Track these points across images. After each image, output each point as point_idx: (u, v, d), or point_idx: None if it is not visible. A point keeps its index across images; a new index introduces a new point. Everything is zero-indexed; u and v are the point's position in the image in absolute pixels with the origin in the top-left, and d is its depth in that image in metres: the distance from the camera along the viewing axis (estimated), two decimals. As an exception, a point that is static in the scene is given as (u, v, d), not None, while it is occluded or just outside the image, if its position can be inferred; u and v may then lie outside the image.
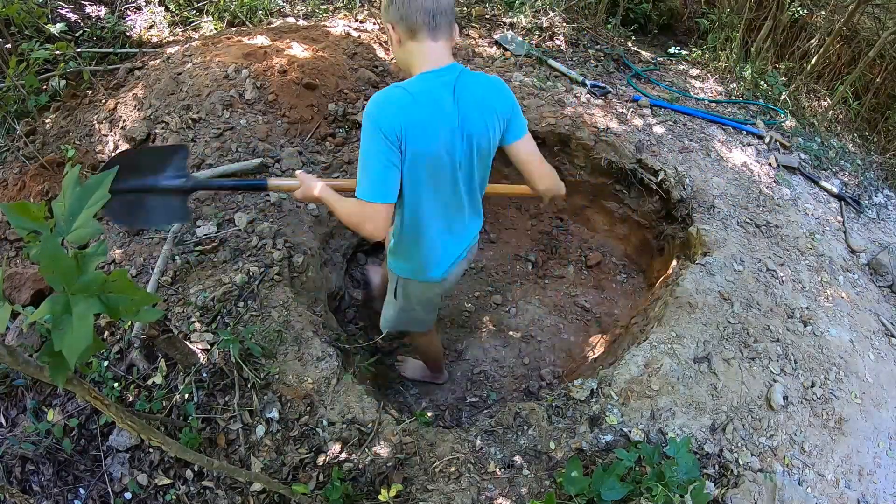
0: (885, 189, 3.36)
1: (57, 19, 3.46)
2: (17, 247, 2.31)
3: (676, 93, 3.57)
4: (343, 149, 2.77)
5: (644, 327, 2.38)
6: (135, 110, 2.71)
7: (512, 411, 1.89)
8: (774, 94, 3.73)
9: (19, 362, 0.95)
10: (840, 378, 2.12)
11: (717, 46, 4.11)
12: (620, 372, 1.97)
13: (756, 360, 2.07)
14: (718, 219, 2.68)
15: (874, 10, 4.06)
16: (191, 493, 1.68)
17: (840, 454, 1.93)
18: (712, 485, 1.71)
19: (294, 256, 2.27)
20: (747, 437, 1.87)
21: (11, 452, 1.72)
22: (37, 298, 2.07)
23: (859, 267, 2.72)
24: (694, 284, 2.29)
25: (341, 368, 1.94)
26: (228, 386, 1.84)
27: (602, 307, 3.12)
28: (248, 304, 2.04)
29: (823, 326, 2.27)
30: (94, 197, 0.89)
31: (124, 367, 1.88)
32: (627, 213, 3.22)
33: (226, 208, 2.35)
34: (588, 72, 3.65)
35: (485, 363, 2.80)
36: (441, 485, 1.67)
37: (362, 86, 3.00)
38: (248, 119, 2.64)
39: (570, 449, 1.78)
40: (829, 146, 3.54)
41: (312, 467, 1.70)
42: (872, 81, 3.99)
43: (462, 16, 4.06)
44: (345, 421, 1.79)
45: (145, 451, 1.76)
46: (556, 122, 3.11)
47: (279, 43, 3.07)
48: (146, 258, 2.18)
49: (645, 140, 3.08)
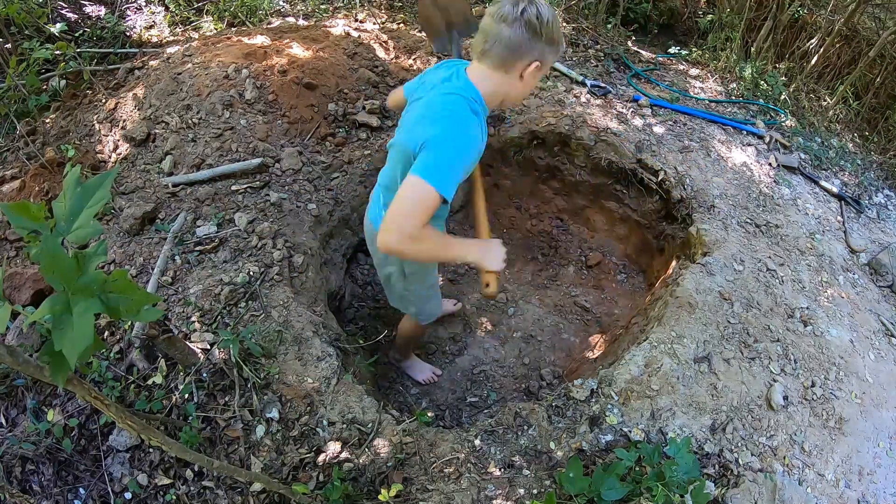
0: (885, 189, 3.36)
1: (57, 19, 3.46)
2: (17, 247, 2.31)
3: (676, 93, 3.57)
4: (343, 149, 2.77)
5: (644, 327, 2.38)
6: (135, 110, 2.71)
7: (512, 411, 1.89)
8: (774, 93, 3.73)
9: (19, 362, 0.95)
10: (840, 378, 2.12)
11: (717, 46, 4.11)
12: (620, 372, 1.97)
13: (756, 360, 2.07)
14: (718, 219, 2.68)
15: (874, 9, 4.06)
16: (191, 493, 1.68)
17: (840, 454, 1.93)
18: (712, 485, 1.71)
19: (294, 256, 2.27)
20: (747, 436, 1.87)
21: (11, 452, 1.72)
22: (37, 298, 2.07)
23: (859, 267, 2.72)
24: (694, 284, 2.29)
25: (341, 368, 1.94)
26: (228, 386, 1.84)
27: (602, 307, 3.12)
28: (248, 304, 2.04)
29: (823, 326, 2.27)
30: (94, 197, 0.89)
31: (124, 367, 1.88)
32: (627, 213, 3.22)
33: (226, 208, 2.35)
34: (588, 72, 3.65)
35: (485, 363, 2.80)
36: (441, 485, 1.67)
37: (362, 86, 3.00)
38: (248, 119, 2.65)
39: (570, 449, 1.78)
40: (830, 146, 3.54)
41: (312, 467, 1.70)
42: (872, 81, 3.99)
43: (462, 16, 4.06)
44: (345, 421, 1.79)
45: (145, 450, 1.76)
46: (556, 122, 3.11)
47: (279, 43, 3.07)
48: (146, 258, 2.18)
49: (645, 140, 3.08)
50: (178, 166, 2.51)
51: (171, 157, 2.51)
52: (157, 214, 2.33)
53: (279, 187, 2.49)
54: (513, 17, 1.35)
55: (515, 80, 1.45)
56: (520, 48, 1.38)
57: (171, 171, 2.49)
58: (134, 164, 2.53)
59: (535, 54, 1.40)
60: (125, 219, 2.28)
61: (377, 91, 3.02)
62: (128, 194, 2.42)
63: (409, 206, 1.30)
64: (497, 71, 1.43)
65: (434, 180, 1.29)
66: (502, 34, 1.37)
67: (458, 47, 2.03)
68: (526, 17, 1.34)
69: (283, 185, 2.51)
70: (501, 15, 1.36)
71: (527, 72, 1.43)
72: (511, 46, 1.38)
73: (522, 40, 1.37)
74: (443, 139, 1.36)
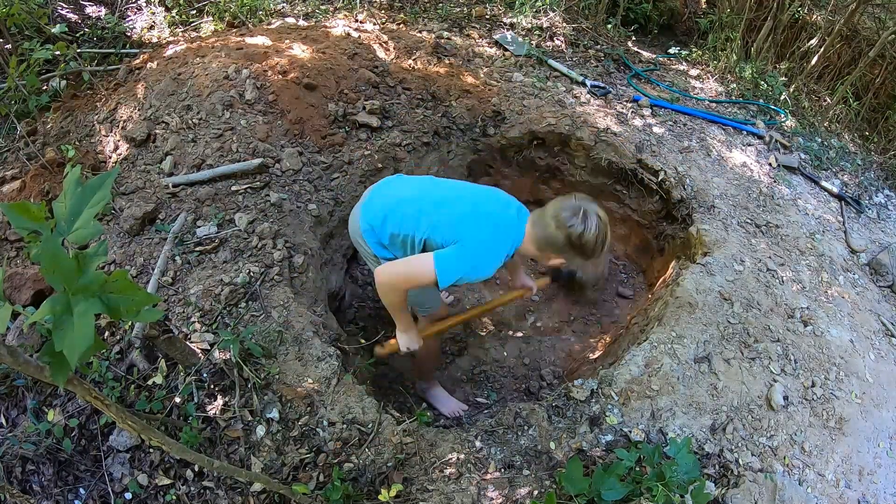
0: (885, 189, 3.36)
1: (57, 20, 3.46)
2: (17, 247, 2.31)
3: (676, 93, 3.57)
4: (343, 149, 2.77)
5: (644, 327, 2.38)
6: (135, 110, 2.71)
7: (512, 411, 1.89)
8: (774, 94, 3.73)
9: (20, 362, 0.95)
10: (840, 378, 2.12)
11: (717, 46, 4.11)
12: (621, 372, 1.97)
13: (756, 360, 2.07)
14: (719, 219, 2.68)
15: (874, 10, 4.06)
16: (191, 494, 1.68)
17: (840, 454, 1.93)
18: (712, 485, 1.71)
19: (294, 257, 2.27)
20: (747, 437, 1.87)
21: (12, 452, 1.72)
22: (37, 299, 2.07)
23: (859, 267, 2.72)
24: (694, 284, 2.29)
25: (341, 368, 1.94)
26: (228, 386, 1.84)
27: (602, 307, 3.12)
28: (248, 304, 2.04)
29: (824, 326, 2.27)
30: (95, 197, 0.89)
31: (125, 367, 1.88)
32: (627, 213, 3.22)
33: (226, 209, 2.35)
34: (588, 72, 3.66)
35: (485, 363, 2.80)
36: (441, 485, 1.67)
37: (362, 86, 3.00)
38: (248, 119, 2.65)
39: (570, 449, 1.78)
40: (830, 146, 3.54)
41: (313, 467, 1.70)
42: (872, 81, 3.99)
43: (462, 16, 4.06)
44: (345, 421, 1.79)
45: (145, 451, 1.76)
46: (556, 122, 3.11)
47: (279, 43, 3.07)
48: (146, 258, 2.19)
49: (645, 140, 3.08)
50: (178, 167, 2.51)
51: (171, 157, 2.51)
52: (157, 215, 2.33)
53: (279, 188, 2.49)
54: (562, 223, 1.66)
55: (541, 255, 1.79)
56: (553, 245, 1.71)
57: (171, 171, 2.49)
58: (134, 165, 2.53)
59: (564, 255, 1.74)
60: (125, 219, 2.28)
61: (377, 91, 3.02)
62: (128, 195, 2.42)
63: (415, 273, 1.71)
64: (533, 243, 1.77)
65: (441, 274, 1.66)
66: (549, 229, 1.69)
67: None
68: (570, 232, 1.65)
69: (283, 186, 2.51)
70: (558, 215, 1.67)
71: (553, 258, 1.77)
72: (548, 240, 1.71)
73: (558, 243, 1.69)
74: (473, 253, 1.70)
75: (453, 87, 3.21)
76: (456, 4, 4.20)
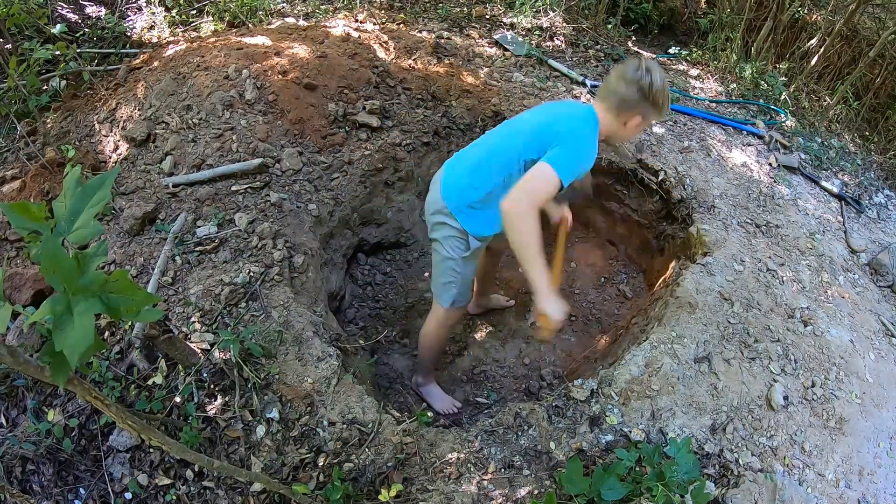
0: (885, 189, 3.36)
1: (57, 20, 3.46)
2: (17, 247, 2.31)
3: (677, 93, 3.57)
4: (343, 149, 2.77)
5: (644, 327, 2.38)
6: (135, 110, 2.71)
7: (512, 411, 1.89)
8: (774, 94, 3.73)
9: (20, 362, 0.95)
10: (840, 378, 2.12)
11: (717, 46, 4.12)
12: (621, 372, 1.97)
13: (756, 360, 2.07)
14: (719, 219, 2.68)
15: (874, 10, 4.06)
16: (191, 494, 1.68)
17: (840, 454, 1.93)
18: (712, 485, 1.71)
19: (294, 257, 2.27)
20: (747, 437, 1.87)
21: (12, 452, 1.72)
22: (37, 299, 2.07)
23: (859, 267, 2.72)
24: (694, 284, 2.29)
25: (341, 368, 1.94)
26: (229, 386, 1.84)
27: (602, 307, 3.12)
28: (248, 304, 2.05)
29: (824, 326, 2.27)
30: (95, 197, 0.89)
31: (125, 367, 1.88)
32: (627, 213, 3.22)
33: (226, 208, 2.35)
34: (588, 72, 3.66)
35: (485, 363, 2.80)
36: (441, 485, 1.67)
37: (362, 86, 3.00)
38: (248, 119, 2.65)
39: (570, 449, 1.78)
40: (830, 146, 3.54)
41: (313, 467, 1.70)
42: (872, 81, 3.99)
43: (462, 16, 4.06)
44: (345, 421, 1.79)
45: (146, 451, 1.76)
46: (556, 122, 3.10)
47: (279, 43, 3.07)
48: (146, 258, 2.19)
49: (645, 140, 3.08)
50: (178, 166, 2.51)
51: (171, 157, 2.51)
52: (157, 215, 2.33)
53: (279, 187, 2.49)
54: (630, 79, 1.71)
55: (621, 125, 1.82)
56: (628, 103, 1.75)
57: (171, 171, 2.49)
58: (134, 165, 2.53)
59: (640, 111, 1.77)
60: (125, 219, 2.28)
61: (377, 91, 3.02)
62: (128, 195, 2.42)
63: (540, 184, 1.67)
64: (609, 114, 1.80)
65: (561, 172, 1.66)
66: (619, 90, 1.74)
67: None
68: (640, 83, 1.70)
69: (283, 186, 2.51)
70: (623, 74, 1.73)
71: (630, 122, 1.80)
72: (623, 100, 1.75)
73: (633, 99, 1.74)
74: (575, 142, 1.73)
75: (453, 87, 3.21)
76: (456, 4, 4.20)
